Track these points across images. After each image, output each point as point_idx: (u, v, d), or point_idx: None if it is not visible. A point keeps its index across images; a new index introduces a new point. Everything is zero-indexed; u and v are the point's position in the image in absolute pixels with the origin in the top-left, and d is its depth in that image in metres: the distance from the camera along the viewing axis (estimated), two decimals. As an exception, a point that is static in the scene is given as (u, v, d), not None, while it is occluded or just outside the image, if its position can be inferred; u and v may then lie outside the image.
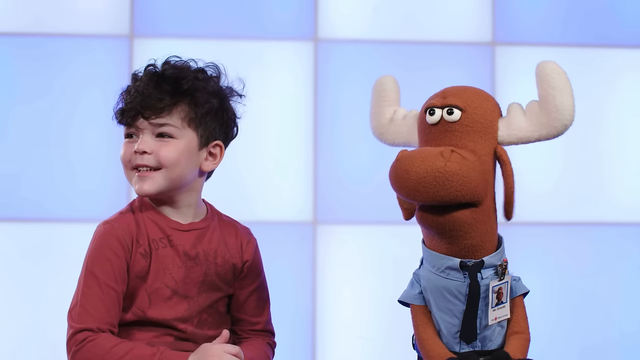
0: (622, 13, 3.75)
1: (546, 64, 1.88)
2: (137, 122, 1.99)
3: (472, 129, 1.87)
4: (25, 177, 3.52)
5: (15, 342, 3.50)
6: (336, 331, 3.61)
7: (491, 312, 1.89)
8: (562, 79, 1.87)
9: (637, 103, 3.75)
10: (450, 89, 1.92)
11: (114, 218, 2.01)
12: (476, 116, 1.88)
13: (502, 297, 1.90)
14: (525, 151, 3.70)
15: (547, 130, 1.88)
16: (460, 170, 1.80)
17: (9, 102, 3.53)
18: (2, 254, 3.52)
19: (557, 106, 1.86)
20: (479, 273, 1.88)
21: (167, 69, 2.02)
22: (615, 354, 3.69)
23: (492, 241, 1.89)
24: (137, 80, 2.02)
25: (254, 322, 2.11)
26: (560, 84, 1.87)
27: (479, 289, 1.87)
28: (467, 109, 1.87)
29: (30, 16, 3.55)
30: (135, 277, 1.99)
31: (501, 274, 1.89)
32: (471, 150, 1.85)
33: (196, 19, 3.61)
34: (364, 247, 3.63)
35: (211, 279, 2.04)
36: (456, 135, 1.87)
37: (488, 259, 1.88)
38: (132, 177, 2.01)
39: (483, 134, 1.88)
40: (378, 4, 3.68)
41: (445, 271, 1.89)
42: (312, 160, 3.62)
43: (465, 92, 1.91)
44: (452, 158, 1.80)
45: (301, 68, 3.64)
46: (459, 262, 1.87)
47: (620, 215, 3.72)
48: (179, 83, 2.00)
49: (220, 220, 2.10)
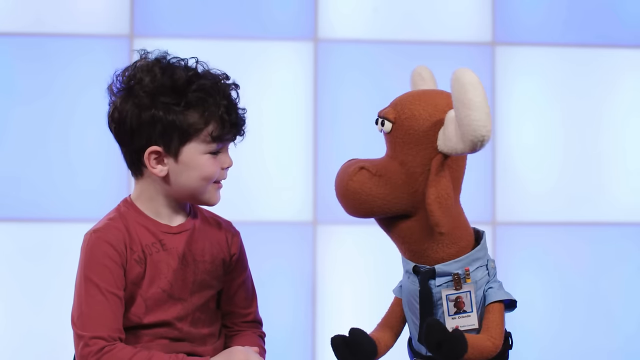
0: (623, 13, 3.75)
1: (457, 72, 1.74)
2: (231, 141, 2.02)
3: (402, 141, 1.86)
4: (25, 177, 3.52)
5: (15, 342, 3.50)
6: (336, 331, 3.60)
7: (449, 320, 1.87)
8: (474, 92, 1.72)
9: (637, 103, 3.75)
10: (399, 98, 1.91)
11: (103, 226, 1.99)
12: (407, 128, 1.85)
13: (464, 307, 1.87)
14: (524, 151, 3.71)
15: (464, 145, 1.77)
16: (361, 189, 1.85)
17: (9, 102, 3.53)
18: (2, 254, 3.52)
19: (463, 121, 1.74)
20: (432, 280, 1.88)
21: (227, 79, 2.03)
22: (615, 354, 3.69)
23: (443, 249, 1.87)
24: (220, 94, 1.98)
25: (245, 314, 2.12)
26: (472, 98, 1.72)
27: (430, 296, 1.88)
28: (397, 121, 1.87)
29: (30, 16, 3.56)
30: (131, 284, 1.98)
31: (457, 284, 1.87)
32: (400, 161, 1.86)
33: (196, 19, 3.61)
34: (364, 247, 3.63)
35: (202, 278, 2.04)
36: (392, 146, 1.89)
37: (441, 266, 1.87)
38: (209, 191, 2.01)
39: (415, 145, 1.85)
40: (378, 4, 3.69)
41: (407, 274, 1.92)
42: (312, 160, 3.62)
43: (406, 102, 1.88)
44: (355, 177, 1.85)
45: (301, 68, 3.64)
46: (412, 266, 1.90)
47: (619, 215, 3.72)
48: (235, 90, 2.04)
49: (202, 216, 2.09)
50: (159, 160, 1.97)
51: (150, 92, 1.96)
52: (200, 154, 1.97)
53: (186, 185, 1.99)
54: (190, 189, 1.99)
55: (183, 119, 1.95)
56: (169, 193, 2.01)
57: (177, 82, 1.96)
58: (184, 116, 1.95)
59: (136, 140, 1.97)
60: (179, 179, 1.98)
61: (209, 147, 1.97)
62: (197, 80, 1.97)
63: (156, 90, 1.96)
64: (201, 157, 1.97)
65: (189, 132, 1.95)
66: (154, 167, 1.97)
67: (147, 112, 1.95)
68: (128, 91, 1.98)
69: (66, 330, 1.98)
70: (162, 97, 1.95)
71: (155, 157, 1.97)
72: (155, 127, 1.95)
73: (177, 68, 1.99)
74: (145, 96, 1.95)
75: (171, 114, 1.95)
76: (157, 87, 1.96)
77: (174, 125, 1.95)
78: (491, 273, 1.91)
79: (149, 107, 1.95)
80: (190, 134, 1.95)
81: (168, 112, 1.95)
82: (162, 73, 1.97)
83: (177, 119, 1.95)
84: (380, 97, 3.62)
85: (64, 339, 1.96)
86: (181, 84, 1.96)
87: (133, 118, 1.96)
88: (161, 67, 1.98)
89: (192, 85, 1.96)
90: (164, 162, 1.97)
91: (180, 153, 1.97)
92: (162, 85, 1.96)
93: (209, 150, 1.98)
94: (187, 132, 1.95)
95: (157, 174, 1.98)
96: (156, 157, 1.97)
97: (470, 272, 1.87)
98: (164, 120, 1.95)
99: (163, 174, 1.98)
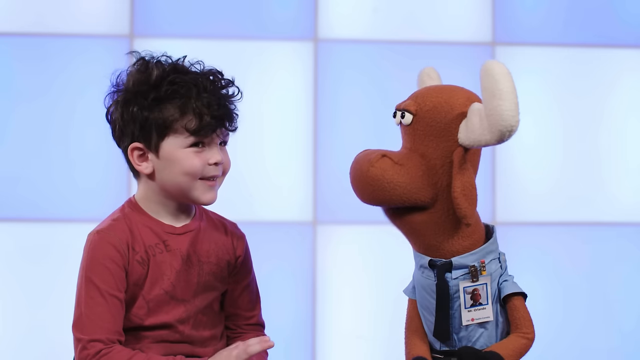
0: (623, 13, 3.75)
1: (487, 63, 1.78)
2: (214, 133, 1.99)
3: (423, 133, 1.87)
4: (24, 177, 3.53)
5: (15, 342, 3.50)
6: (336, 331, 3.61)
7: (465, 312, 1.89)
8: (499, 82, 1.75)
9: (637, 103, 3.75)
10: (419, 91, 1.93)
11: (107, 226, 1.99)
12: (428, 120, 1.87)
13: (480, 299, 1.89)
14: (524, 151, 3.71)
15: (491, 135, 1.79)
16: (383, 176, 1.84)
17: (8, 102, 3.53)
18: (2, 254, 3.52)
19: (494, 112, 1.76)
20: (449, 273, 1.88)
21: (220, 75, 2.03)
22: (614, 354, 3.69)
23: (459, 242, 1.88)
24: (200, 87, 1.98)
25: (249, 316, 2.12)
26: (497, 88, 1.75)
27: (447, 289, 1.88)
28: (419, 113, 1.87)
29: (30, 16, 3.56)
30: (133, 285, 1.98)
31: (473, 276, 1.88)
32: (421, 154, 1.86)
33: (196, 19, 3.61)
34: (364, 247, 3.64)
35: (206, 279, 2.04)
36: (411, 138, 1.89)
37: (458, 259, 1.88)
38: (197, 187, 1.99)
39: (436, 137, 1.86)
40: (378, 4, 3.69)
41: (421, 269, 1.91)
42: (312, 160, 3.62)
43: (427, 95, 1.90)
44: (377, 164, 1.85)
45: (301, 68, 3.64)
46: (428, 261, 1.89)
47: (619, 215, 3.72)
48: (232, 87, 2.03)
49: (208, 217, 2.10)
50: (144, 157, 1.99)
51: (132, 91, 1.99)
52: (180, 148, 1.97)
53: (170, 181, 1.99)
54: (175, 185, 1.99)
55: (158, 114, 1.97)
56: (161, 191, 2.01)
57: (151, 78, 1.98)
58: (159, 110, 1.97)
59: (125, 140, 2.00)
60: (163, 176, 1.99)
61: (187, 140, 1.97)
62: (172, 74, 1.99)
63: (135, 88, 1.99)
64: (181, 151, 1.97)
65: (165, 125, 1.96)
66: (139, 165, 1.99)
67: (128, 111, 1.98)
68: (116, 93, 2.02)
69: (66, 330, 1.99)
70: (140, 95, 1.98)
71: (140, 154, 1.99)
72: (135, 125, 1.97)
73: (155, 65, 2.01)
74: (127, 95, 1.99)
75: (146, 109, 1.97)
76: (136, 85, 1.99)
77: (150, 120, 1.97)
78: (503, 266, 1.93)
79: (129, 105, 1.98)
80: (166, 127, 1.97)
81: (143, 108, 1.97)
82: (141, 71, 2.00)
83: (152, 114, 1.97)
84: (380, 97, 3.64)
85: (64, 339, 1.96)
86: (155, 80, 1.98)
87: (118, 118, 2.00)
88: (141, 66, 2.01)
89: (165, 80, 1.98)
90: (147, 158, 1.99)
91: (161, 148, 1.98)
92: (140, 82, 1.99)
93: (188, 144, 1.97)
94: (163, 126, 1.97)
95: (143, 171, 2.00)
96: (140, 154, 1.99)
97: (486, 265, 1.89)
98: (140, 116, 1.97)
99: (148, 170, 1.99)
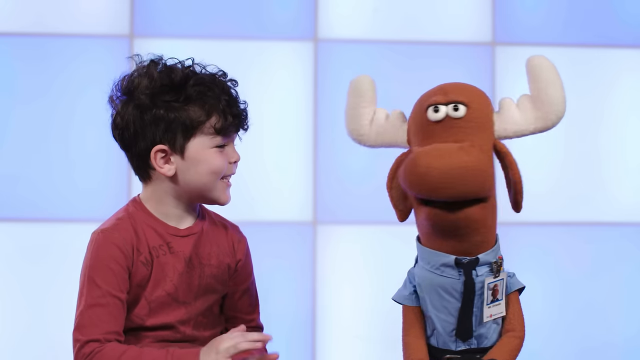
0: (623, 13, 3.75)
1: (535, 58, 1.93)
2: (236, 133, 2.02)
3: (475, 125, 1.86)
4: (25, 177, 3.52)
5: (15, 342, 3.50)
6: (336, 331, 3.61)
7: (486, 309, 1.88)
8: (551, 72, 1.92)
9: (637, 103, 3.75)
10: (447, 85, 1.91)
11: (112, 226, 1.98)
12: (479, 112, 1.87)
13: (498, 295, 1.89)
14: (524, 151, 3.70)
15: (541, 123, 1.91)
16: (479, 165, 1.79)
17: (9, 102, 3.53)
18: (2, 254, 3.52)
19: (549, 99, 1.90)
20: (473, 270, 1.87)
21: (225, 75, 2.04)
22: (614, 354, 3.69)
23: (494, 237, 1.89)
24: (220, 88, 1.99)
25: (248, 320, 2.11)
26: (551, 77, 1.91)
27: (474, 286, 1.87)
28: (471, 105, 1.86)
29: (30, 16, 3.56)
30: (136, 286, 1.97)
31: (496, 271, 1.88)
32: (479, 146, 1.84)
33: (196, 19, 3.61)
34: (364, 247, 3.63)
35: (207, 282, 2.04)
36: (461, 131, 1.85)
37: (483, 256, 1.87)
38: (218, 187, 2.00)
39: (484, 129, 1.87)
40: (378, 4, 3.69)
41: (440, 268, 1.88)
42: (312, 160, 3.62)
43: (465, 88, 1.90)
44: (472, 153, 1.80)
45: (301, 68, 3.64)
46: (454, 259, 1.86)
47: (619, 215, 3.72)
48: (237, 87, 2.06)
49: (210, 219, 2.09)
50: (166, 159, 1.98)
51: (150, 93, 1.96)
52: (206, 148, 1.98)
53: (195, 181, 1.98)
54: (200, 185, 1.99)
55: (185, 115, 1.96)
56: (178, 193, 2.00)
57: (175, 80, 1.97)
58: (185, 111, 1.96)
59: (141, 143, 1.97)
60: (187, 176, 1.98)
61: (214, 140, 1.98)
62: (194, 75, 1.98)
63: (155, 90, 1.97)
64: (208, 151, 1.98)
65: (192, 126, 1.96)
66: (161, 167, 1.97)
67: (149, 113, 1.96)
68: (128, 96, 1.99)
69: (66, 330, 1.98)
70: (161, 96, 1.96)
71: (162, 155, 1.97)
72: (158, 127, 1.96)
73: (173, 67, 2.00)
74: (145, 98, 1.96)
75: (172, 111, 1.96)
76: (156, 87, 1.97)
77: (177, 121, 1.95)
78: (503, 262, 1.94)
79: (150, 107, 1.96)
80: (193, 128, 1.96)
81: (169, 110, 1.96)
82: (160, 73, 1.98)
83: (179, 115, 1.96)
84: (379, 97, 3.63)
85: (63, 339, 1.96)
86: (179, 81, 1.97)
87: (136, 121, 1.97)
88: (157, 68, 1.99)
89: (190, 81, 1.97)
90: (170, 160, 1.98)
91: (186, 149, 1.97)
92: (161, 84, 1.97)
93: (215, 144, 1.98)
94: (190, 127, 1.96)
95: (165, 174, 1.98)
96: (163, 156, 1.97)
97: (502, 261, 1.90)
98: (166, 118, 1.96)
99: (171, 173, 1.98)
